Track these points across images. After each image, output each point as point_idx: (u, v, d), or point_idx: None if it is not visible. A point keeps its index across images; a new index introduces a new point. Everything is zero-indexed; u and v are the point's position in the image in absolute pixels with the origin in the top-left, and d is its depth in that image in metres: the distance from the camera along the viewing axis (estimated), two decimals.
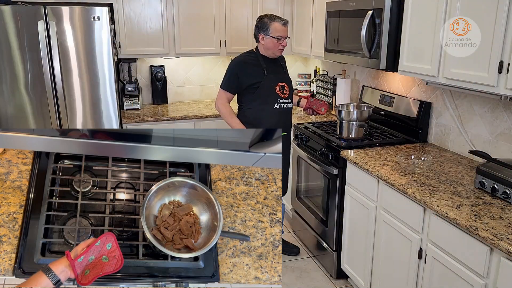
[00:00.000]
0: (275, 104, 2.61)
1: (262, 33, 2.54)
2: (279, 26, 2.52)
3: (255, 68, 2.58)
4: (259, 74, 2.57)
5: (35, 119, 3.02)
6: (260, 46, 2.61)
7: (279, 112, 2.63)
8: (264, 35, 2.54)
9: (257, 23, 2.59)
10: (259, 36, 2.56)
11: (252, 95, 2.59)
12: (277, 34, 2.52)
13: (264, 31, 2.53)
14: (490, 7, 1.72)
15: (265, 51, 2.60)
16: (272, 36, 2.52)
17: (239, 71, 2.58)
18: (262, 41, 2.57)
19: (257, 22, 2.59)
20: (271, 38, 2.53)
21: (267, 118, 2.61)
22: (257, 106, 2.60)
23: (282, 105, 2.63)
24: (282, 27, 2.53)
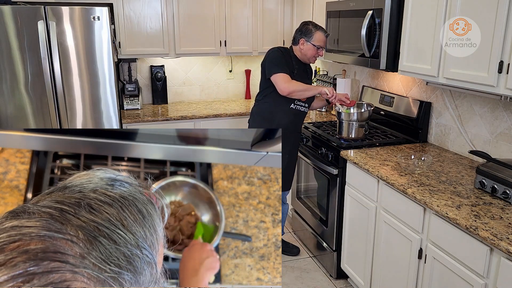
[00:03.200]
0: (292, 104, 2.63)
1: (305, 38, 2.56)
2: (322, 37, 2.56)
3: (288, 65, 2.59)
4: (289, 72, 2.58)
5: (35, 119, 3.02)
6: (297, 49, 2.62)
7: (293, 113, 2.65)
8: (305, 40, 2.56)
9: (300, 28, 2.60)
10: (300, 40, 2.58)
11: (272, 89, 2.59)
12: (319, 43, 2.56)
13: (307, 37, 2.55)
14: (490, 7, 1.72)
15: (301, 55, 2.62)
16: (313, 44, 2.55)
17: (283, 58, 2.58)
18: (302, 46, 2.58)
19: (301, 26, 2.60)
20: (312, 45, 2.55)
21: (280, 115, 2.62)
22: (274, 102, 2.62)
23: (298, 107, 2.66)
24: (324, 38, 2.58)
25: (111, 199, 0.51)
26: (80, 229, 0.45)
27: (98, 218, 0.48)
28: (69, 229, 0.45)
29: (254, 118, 2.73)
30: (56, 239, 0.43)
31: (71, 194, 0.51)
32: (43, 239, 0.43)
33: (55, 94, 2.99)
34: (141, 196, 0.55)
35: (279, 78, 2.49)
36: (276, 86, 2.51)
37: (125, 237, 0.48)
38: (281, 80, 2.49)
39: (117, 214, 0.50)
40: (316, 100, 2.81)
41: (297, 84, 2.50)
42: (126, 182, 0.57)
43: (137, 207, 0.53)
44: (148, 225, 0.52)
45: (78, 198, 0.50)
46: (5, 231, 0.43)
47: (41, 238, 0.43)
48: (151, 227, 0.53)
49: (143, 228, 0.51)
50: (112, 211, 0.50)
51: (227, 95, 4.18)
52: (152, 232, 0.53)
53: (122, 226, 0.49)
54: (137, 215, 0.52)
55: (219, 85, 4.14)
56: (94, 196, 0.51)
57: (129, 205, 0.52)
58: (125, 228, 0.49)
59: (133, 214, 0.51)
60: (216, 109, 3.67)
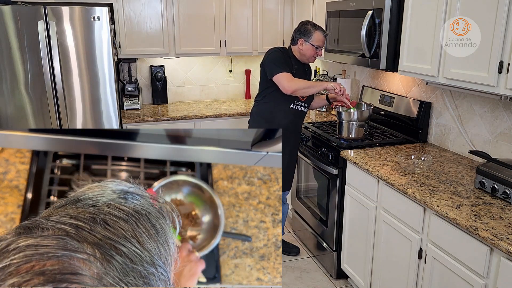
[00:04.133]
0: (291, 105, 2.62)
1: (303, 38, 2.55)
2: (321, 37, 2.55)
3: (288, 64, 2.59)
4: (290, 71, 2.58)
5: (35, 119, 3.02)
6: (296, 49, 2.61)
7: (293, 113, 2.65)
8: (304, 40, 2.55)
9: (299, 28, 2.59)
10: (299, 40, 2.57)
11: (272, 89, 2.59)
12: (317, 43, 2.55)
13: (306, 37, 2.55)
14: (490, 7, 1.72)
15: (300, 55, 2.61)
16: (312, 44, 2.54)
17: (283, 58, 2.58)
18: (300, 46, 2.57)
19: (300, 26, 2.60)
20: (311, 45, 2.55)
21: (281, 115, 2.62)
22: (274, 102, 2.61)
23: (298, 107, 2.65)
24: (323, 38, 2.57)
25: (125, 214, 0.50)
26: (97, 247, 0.44)
27: (114, 235, 0.46)
28: (86, 248, 0.44)
29: (254, 119, 2.73)
30: (73, 258, 0.42)
31: (85, 209, 0.50)
32: (60, 259, 0.41)
33: (55, 94, 2.99)
34: (153, 210, 0.54)
35: (281, 77, 2.48)
36: (279, 86, 2.50)
37: (141, 255, 0.47)
38: (284, 79, 2.47)
39: (132, 231, 0.48)
40: (316, 99, 2.81)
41: (300, 82, 2.50)
42: (138, 194, 0.56)
43: (150, 222, 0.52)
44: (161, 240, 0.52)
45: (92, 213, 0.48)
46: (20, 250, 0.41)
47: (58, 258, 0.41)
48: (164, 242, 0.52)
49: (157, 244, 0.50)
50: (127, 227, 0.48)
51: (227, 95, 4.18)
52: (166, 247, 0.52)
53: (137, 243, 0.48)
54: (151, 230, 0.51)
55: (219, 85, 4.14)
56: (108, 210, 0.50)
57: (143, 220, 0.51)
58: (140, 245, 0.48)
59: (148, 230, 0.50)
60: (216, 109, 3.67)
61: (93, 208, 0.50)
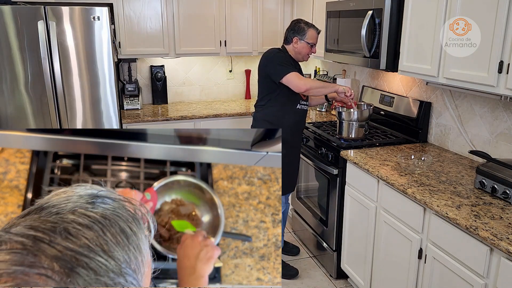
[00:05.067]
0: (298, 105, 2.61)
1: (298, 37, 2.54)
2: (315, 34, 2.55)
3: (291, 64, 2.56)
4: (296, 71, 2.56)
5: (35, 119, 3.02)
6: (291, 48, 2.59)
7: (299, 113, 2.63)
8: (298, 39, 2.54)
9: (292, 26, 2.58)
10: (294, 39, 2.55)
11: (277, 93, 2.55)
12: (312, 41, 2.55)
13: (300, 35, 2.54)
14: (490, 7, 1.72)
15: (295, 54, 2.60)
16: (307, 42, 2.54)
17: (285, 57, 2.56)
18: (295, 44, 2.56)
19: (293, 25, 2.58)
20: (305, 43, 2.54)
21: (288, 117, 2.58)
22: (281, 105, 2.57)
23: (302, 107, 2.64)
24: (317, 35, 2.57)
25: (90, 221, 0.46)
26: (55, 260, 0.41)
27: (75, 245, 0.43)
28: (43, 261, 0.40)
29: (259, 124, 2.65)
30: (29, 274, 0.39)
31: (47, 217, 0.46)
32: (13, 276, 0.38)
33: (55, 94, 2.99)
34: (124, 213, 0.50)
35: (292, 77, 2.43)
36: (291, 85, 2.43)
37: (107, 265, 0.44)
38: (295, 79, 2.43)
39: (96, 239, 0.45)
40: (315, 97, 2.81)
41: (313, 81, 2.50)
42: (109, 198, 0.51)
43: (119, 227, 0.48)
44: (132, 246, 0.48)
45: (54, 222, 0.45)
46: None
47: (10, 275, 0.38)
48: (135, 248, 0.48)
49: (126, 251, 0.47)
50: (91, 235, 0.45)
51: (227, 95, 4.19)
52: (137, 254, 0.48)
53: (102, 252, 0.44)
54: (119, 236, 0.47)
55: (219, 85, 4.14)
56: (72, 218, 0.46)
57: (111, 226, 0.47)
58: (106, 254, 0.44)
59: (115, 236, 0.47)
60: (216, 109, 3.67)
61: (56, 216, 0.46)
